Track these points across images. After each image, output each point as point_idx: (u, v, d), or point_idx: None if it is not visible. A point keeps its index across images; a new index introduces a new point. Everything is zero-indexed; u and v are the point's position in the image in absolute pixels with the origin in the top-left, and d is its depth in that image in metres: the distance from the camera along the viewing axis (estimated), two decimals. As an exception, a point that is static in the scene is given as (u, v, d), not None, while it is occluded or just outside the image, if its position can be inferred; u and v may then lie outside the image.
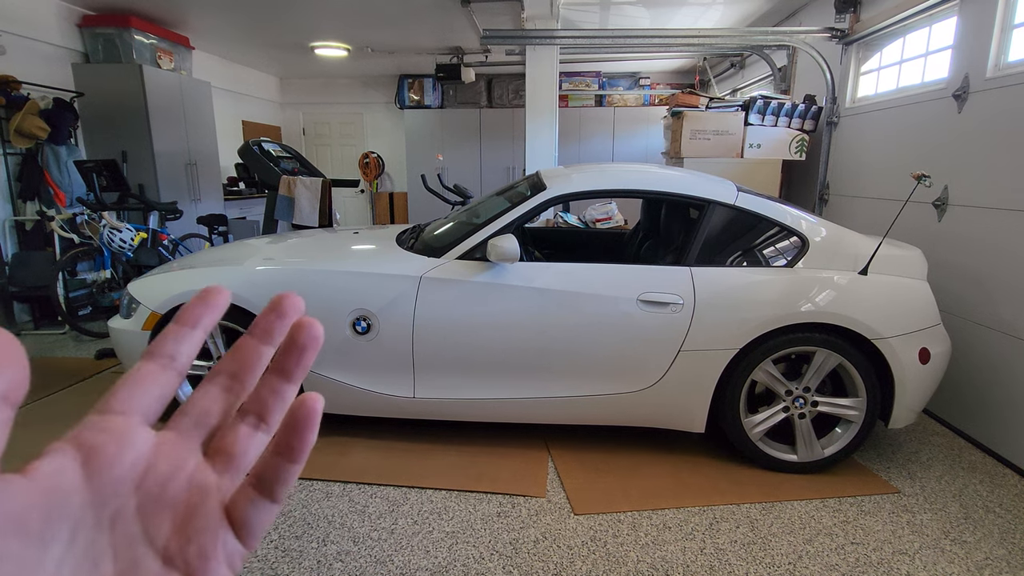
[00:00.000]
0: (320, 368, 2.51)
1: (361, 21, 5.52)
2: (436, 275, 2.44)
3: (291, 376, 0.28)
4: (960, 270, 2.90)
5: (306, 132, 8.97)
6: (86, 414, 0.24)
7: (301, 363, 0.28)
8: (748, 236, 2.46)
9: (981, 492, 2.36)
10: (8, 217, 4.28)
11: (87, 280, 4.37)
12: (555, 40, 4.55)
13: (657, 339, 2.37)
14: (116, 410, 0.24)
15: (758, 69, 5.91)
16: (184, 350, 0.26)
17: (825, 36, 4.06)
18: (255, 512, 0.26)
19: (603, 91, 8.24)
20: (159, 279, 2.61)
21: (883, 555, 1.97)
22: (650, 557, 1.94)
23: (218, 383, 0.27)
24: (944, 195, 3.00)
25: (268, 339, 0.28)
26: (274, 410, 0.28)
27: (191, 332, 0.27)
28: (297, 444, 0.27)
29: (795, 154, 4.31)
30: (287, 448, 0.27)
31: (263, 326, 0.28)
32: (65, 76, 4.78)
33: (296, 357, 0.28)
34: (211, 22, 5.45)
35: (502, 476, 2.40)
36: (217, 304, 0.28)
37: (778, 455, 2.45)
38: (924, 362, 2.34)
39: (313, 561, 1.90)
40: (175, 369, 0.26)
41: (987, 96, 2.73)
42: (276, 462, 0.27)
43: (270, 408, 0.28)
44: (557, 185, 2.54)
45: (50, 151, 4.38)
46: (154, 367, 0.25)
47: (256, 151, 4.74)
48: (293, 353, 0.28)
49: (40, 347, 4.02)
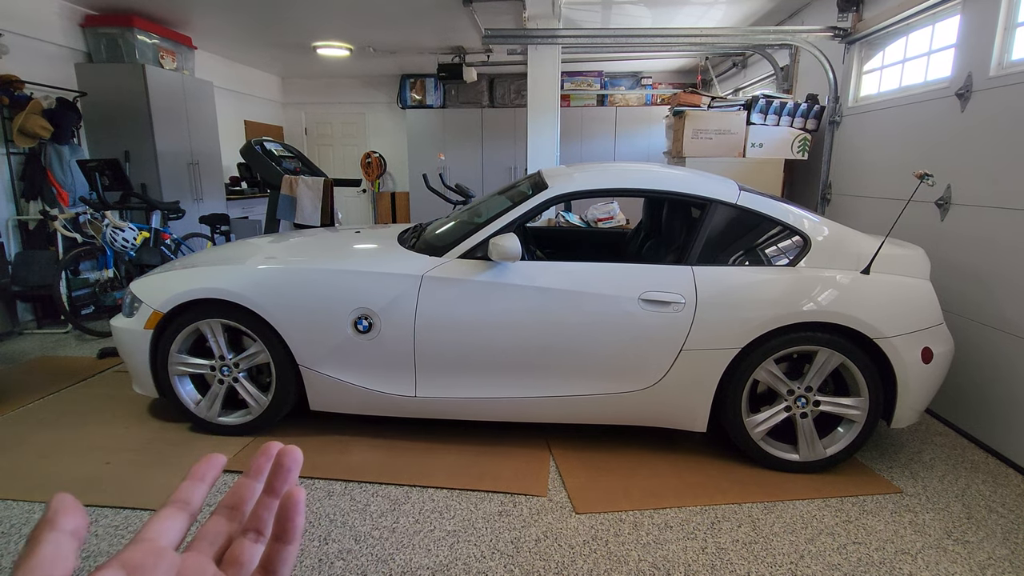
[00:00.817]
0: (321, 367, 2.51)
1: (363, 21, 5.52)
2: (438, 274, 2.44)
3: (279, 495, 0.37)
4: (963, 269, 2.89)
5: (308, 132, 8.98)
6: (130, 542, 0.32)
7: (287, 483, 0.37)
8: (750, 235, 2.46)
9: (984, 492, 2.36)
10: (11, 216, 4.29)
11: (90, 279, 4.39)
12: (557, 40, 4.55)
13: (659, 338, 2.37)
14: (149, 538, 0.32)
15: (760, 68, 5.90)
16: (196, 497, 0.35)
17: (828, 35, 4.05)
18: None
19: (605, 91, 8.24)
20: (161, 278, 2.61)
21: (885, 555, 1.96)
22: (652, 556, 1.94)
23: (223, 513, 0.37)
24: (947, 194, 3.00)
25: (259, 477, 0.38)
26: (269, 524, 0.36)
27: (200, 484, 0.36)
28: (289, 528, 0.35)
29: (797, 153, 4.31)
30: (282, 532, 0.35)
31: (256, 468, 0.38)
32: (68, 76, 4.79)
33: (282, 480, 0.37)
34: (213, 22, 5.46)
35: (503, 475, 2.40)
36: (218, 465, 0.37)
37: (780, 455, 2.45)
38: (927, 361, 2.33)
39: (315, 560, 1.90)
40: (189, 511, 0.35)
41: (990, 95, 2.72)
42: (275, 547, 0.35)
43: (266, 523, 0.37)
44: (558, 184, 2.54)
45: (53, 151, 4.40)
46: (174, 509, 0.34)
47: (258, 151, 4.75)
48: (280, 476, 0.37)
49: (43, 346, 4.03)
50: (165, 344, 2.57)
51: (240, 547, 0.35)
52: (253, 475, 0.38)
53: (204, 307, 2.53)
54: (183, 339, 2.57)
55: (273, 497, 0.37)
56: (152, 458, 2.49)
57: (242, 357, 2.58)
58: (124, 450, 2.56)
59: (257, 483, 0.38)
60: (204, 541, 0.35)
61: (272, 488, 0.37)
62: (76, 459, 2.48)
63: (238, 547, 0.35)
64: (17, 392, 3.18)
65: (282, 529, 0.35)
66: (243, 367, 2.60)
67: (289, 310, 2.46)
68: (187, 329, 2.55)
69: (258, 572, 0.35)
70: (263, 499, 0.37)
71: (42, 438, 2.65)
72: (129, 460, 2.47)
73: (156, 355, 2.60)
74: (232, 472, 2.39)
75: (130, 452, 2.54)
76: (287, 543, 0.35)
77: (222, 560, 0.35)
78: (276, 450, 0.38)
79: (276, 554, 0.35)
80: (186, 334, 2.56)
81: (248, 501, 0.37)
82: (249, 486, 0.38)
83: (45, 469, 2.40)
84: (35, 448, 2.56)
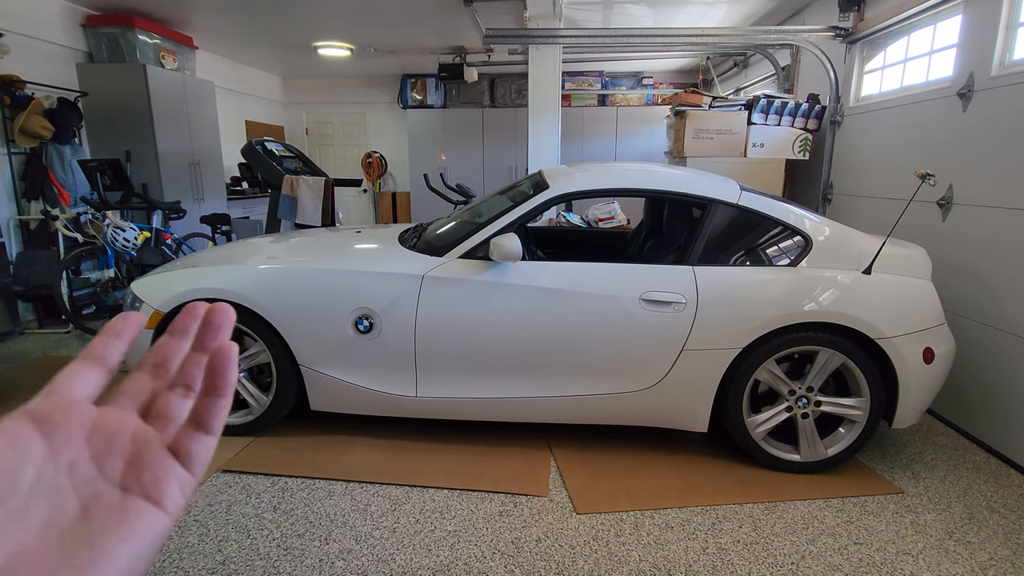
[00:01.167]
0: (322, 367, 2.51)
1: (364, 21, 5.52)
2: (438, 274, 2.44)
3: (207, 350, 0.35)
4: (964, 269, 2.88)
5: (309, 132, 8.98)
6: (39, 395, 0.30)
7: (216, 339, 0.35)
8: (751, 235, 2.46)
9: (985, 492, 2.35)
10: (13, 216, 4.30)
11: (91, 279, 4.39)
12: (558, 39, 4.55)
13: (660, 338, 2.36)
14: (59, 390, 0.30)
15: (761, 68, 5.89)
16: (112, 354, 0.33)
17: (829, 35, 4.05)
18: (195, 445, 0.33)
19: (606, 91, 8.23)
20: (162, 278, 2.61)
21: (886, 555, 1.96)
22: (652, 557, 1.94)
23: (146, 370, 0.35)
24: (948, 194, 2.99)
25: (184, 336, 0.36)
26: (198, 379, 0.34)
27: (117, 340, 0.34)
28: (220, 381, 0.34)
29: (799, 153, 4.30)
30: (212, 387, 0.34)
31: (181, 326, 0.36)
32: (69, 76, 4.80)
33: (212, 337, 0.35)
34: (214, 22, 5.46)
35: (504, 475, 2.40)
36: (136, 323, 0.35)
37: (781, 455, 2.44)
38: (928, 362, 2.33)
39: (315, 559, 1.90)
40: (105, 367, 0.33)
41: (992, 95, 2.72)
42: (206, 401, 0.34)
43: (195, 379, 0.34)
44: (559, 184, 2.54)
45: (54, 150, 4.40)
46: (88, 363, 0.32)
47: (259, 151, 4.75)
48: (210, 333, 0.35)
49: (44, 346, 4.04)
50: (166, 344, 2.56)
51: (167, 400, 0.34)
52: (178, 334, 0.36)
53: (205, 307, 2.52)
54: (184, 339, 2.57)
55: (203, 353, 0.35)
56: (153, 458, 2.49)
57: (243, 357, 2.58)
58: (125, 450, 2.55)
59: (183, 342, 0.36)
60: (125, 396, 0.33)
61: (202, 344, 0.35)
62: (77, 459, 2.48)
63: (165, 400, 0.34)
64: (18, 392, 3.18)
65: (213, 382, 0.34)
66: (244, 367, 2.60)
67: (290, 310, 2.46)
68: (188, 329, 2.54)
69: (188, 424, 0.33)
70: (191, 355, 0.35)
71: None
72: (130, 460, 2.47)
73: (157, 355, 2.59)
74: (230, 472, 2.39)
75: (131, 452, 2.54)
76: (219, 396, 0.34)
77: (147, 415, 0.33)
78: (204, 309, 0.36)
79: (207, 407, 0.34)
80: (187, 334, 2.56)
81: (173, 359, 0.35)
82: (174, 345, 0.35)
83: (46, 469, 2.40)
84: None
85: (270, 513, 2.14)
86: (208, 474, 2.37)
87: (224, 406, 0.34)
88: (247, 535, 2.02)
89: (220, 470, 2.40)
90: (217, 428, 0.34)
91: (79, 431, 0.29)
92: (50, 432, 0.28)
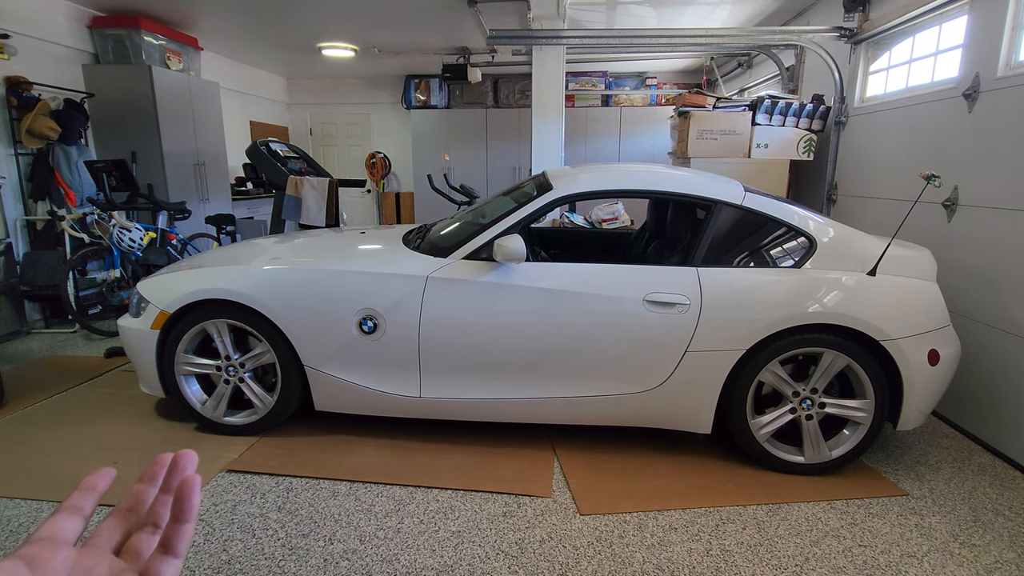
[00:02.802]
0: (327, 368, 2.52)
1: (368, 22, 5.53)
2: (442, 275, 2.44)
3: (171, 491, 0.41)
4: (970, 271, 2.87)
5: (313, 132, 9.01)
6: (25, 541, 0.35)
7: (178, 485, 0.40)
8: (755, 236, 2.45)
9: (991, 495, 2.34)
10: (19, 217, 4.33)
11: (97, 279, 4.42)
12: (561, 40, 4.55)
13: (663, 339, 2.36)
14: (45, 536, 0.35)
15: (766, 69, 5.88)
16: (87, 505, 0.38)
17: (833, 35, 4.04)
18: (164, 567, 0.38)
19: (609, 91, 8.23)
20: (168, 278, 2.63)
21: (891, 558, 1.95)
22: (656, 558, 1.94)
23: (118, 515, 0.40)
24: (954, 195, 2.98)
25: (153, 483, 0.41)
26: (165, 517, 0.40)
27: (91, 493, 0.38)
28: (185, 507, 0.39)
29: (803, 154, 4.29)
30: (179, 512, 0.39)
31: (150, 474, 0.41)
32: (75, 77, 4.82)
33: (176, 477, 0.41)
34: (219, 23, 5.48)
35: (508, 476, 2.40)
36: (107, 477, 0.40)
37: (785, 457, 2.44)
38: (933, 364, 2.32)
39: (320, 559, 1.91)
40: (82, 515, 0.38)
41: (998, 95, 2.71)
42: (172, 527, 0.39)
43: (162, 516, 0.40)
44: (563, 185, 2.54)
45: (61, 151, 4.43)
46: (68, 514, 0.37)
47: (264, 151, 4.76)
48: (175, 475, 0.41)
49: (51, 345, 4.06)
50: (171, 344, 2.58)
51: (138, 539, 0.39)
52: (147, 481, 0.41)
53: (210, 307, 2.54)
54: (189, 339, 2.59)
55: (168, 494, 0.40)
56: (158, 457, 2.50)
57: (248, 357, 2.59)
58: (131, 449, 2.57)
59: (152, 488, 0.41)
60: (100, 537, 0.38)
61: (168, 486, 0.40)
62: (83, 458, 2.49)
63: (136, 539, 0.39)
64: (25, 391, 3.20)
65: (179, 509, 0.39)
66: (249, 367, 2.61)
67: (294, 311, 2.47)
68: (193, 329, 2.56)
69: (157, 551, 0.38)
70: (159, 497, 0.40)
71: (49, 437, 2.67)
72: (136, 459, 2.49)
73: (163, 355, 2.61)
74: (235, 472, 2.40)
75: (137, 451, 2.55)
76: (184, 522, 0.39)
77: (120, 552, 0.38)
78: (169, 457, 0.42)
79: (173, 532, 0.39)
80: (192, 334, 2.58)
81: (144, 503, 0.40)
82: (144, 491, 0.41)
83: (52, 468, 2.41)
84: (42, 447, 2.58)
85: (275, 513, 2.15)
86: (213, 474, 2.38)
87: (189, 530, 0.39)
88: (252, 535, 2.03)
89: (225, 470, 2.41)
90: (182, 551, 0.39)
91: (63, 568, 0.34)
92: (39, 570, 0.33)
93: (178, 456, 0.42)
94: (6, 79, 4.14)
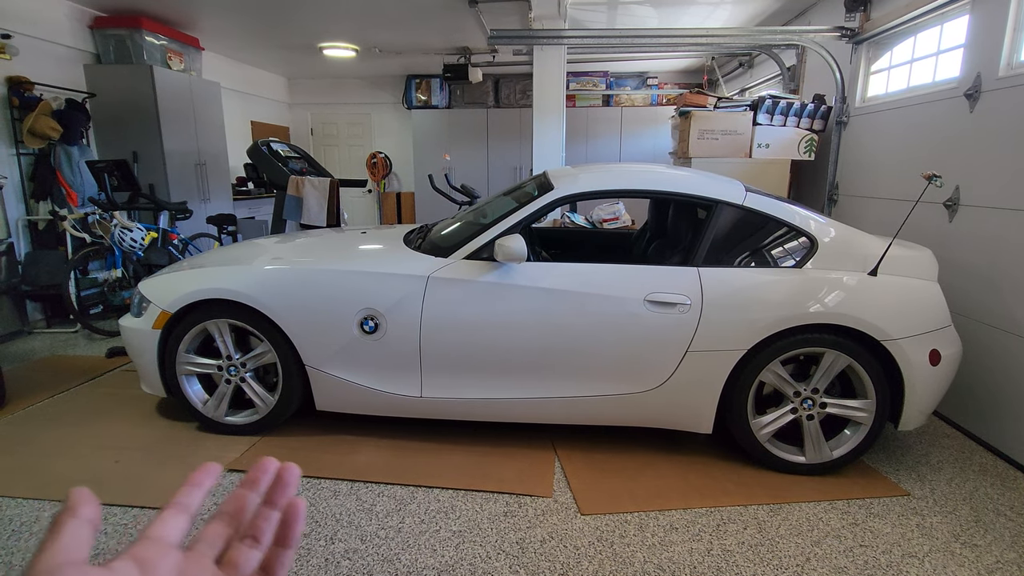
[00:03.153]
0: (328, 367, 2.52)
1: (369, 22, 5.54)
2: (443, 275, 2.44)
3: (278, 507, 0.41)
4: (971, 271, 2.87)
5: (314, 132, 9.01)
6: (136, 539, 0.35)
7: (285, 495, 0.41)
8: (756, 236, 2.45)
9: (992, 495, 2.34)
10: (21, 217, 4.33)
11: (98, 279, 4.42)
12: (562, 40, 4.55)
13: (664, 339, 2.36)
14: (155, 536, 0.36)
15: (767, 68, 5.88)
16: (194, 502, 0.39)
17: (835, 35, 4.03)
18: None
19: (610, 91, 8.22)
20: (169, 278, 2.63)
21: (892, 558, 1.95)
22: (657, 558, 1.94)
23: (222, 519, 0.40)
24: (955, 195, 2.98)
25: (255, 488, 0.41)
26: (266, 532, 0.40)
27: (197, 490, 0.39)
28: (290, 534, 0.40)
29: (804, 154, 4.29)
30: (283, 538, 0.40)
31: (252, 480, 0.41)
32: (77, 77, 4.83)
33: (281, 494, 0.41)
34: (220, 23, 5.49)
35: (509, 476, 2.40)
36: (214, 473, 0.41)
37: (786, 457, 2.44)
38: (934, 364, 2.32)
39: (321, 559, 1.91)
40: (188, 513, 0.38)
41: (1000, 95, 2.70)
42: (276, 552, 0.40)
43: (263, 532, 0.40)
44: (564, 185, 2.54)
45: (62, 151, 4.43)
46: (175, 511, 0.38)
47: (265, 151, 4.77)
48: (280, 491, 0.41)
49: (52, 345, 4.07)
50: (173, 344, 2.58)
51: (238, 551, 0.39)
52: (249, 486, 0.41)
53: (211, 307, 2.54)
54: (191, 339, 2.59)
55: (272, 508, 0.41)
56: (160, 457, 2.51)
57: (249, 357, 2.59)
58: (132, 449, 2.57)
59: (253, 494, 0.41)
60: (204, 543, 0.39)
61: (272, 501, 0.41)
62: (85, 457, 2.50)
63: (236, 551, 0.39)
64: (26, 391, 3.21)
65: (284, 535, 0.40)
66: (250, 367, 2.61)
67: (295, 310, 2.48)
68: (195, 329, 2.56)
69: (258, 574, 0.39)
70: (262, 510, 0.41)
71: (51, 436, 2.68)
72: (137, 459, 2.49)
73: (164, 355, 2.62)
74: (236, 471, 2.40)
75: (138, 451, 2.56)
76: (287, 548, 0.40)
77: (221, 561, 0.39)
78: (274, 467, 0.42)
79: (276, 558, 0.39)
80: (194, 334, 2.58)
81: (245, 509, 0.41)
82: (246, 496, 0.41)
83: (54, 467, 2.42)
84: (44, 446, 2.58)
85: (276, 513, 2.15)
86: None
87: (290, 556, 0.40)
88: (253, 534, 2.03)
89: (226, 469, 2.41)
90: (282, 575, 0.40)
91: (170, 572, 0.35)
92: (148, 573, 0.33)
93: (282, 469, 0.42)
94: (8, 79, 4.15)
